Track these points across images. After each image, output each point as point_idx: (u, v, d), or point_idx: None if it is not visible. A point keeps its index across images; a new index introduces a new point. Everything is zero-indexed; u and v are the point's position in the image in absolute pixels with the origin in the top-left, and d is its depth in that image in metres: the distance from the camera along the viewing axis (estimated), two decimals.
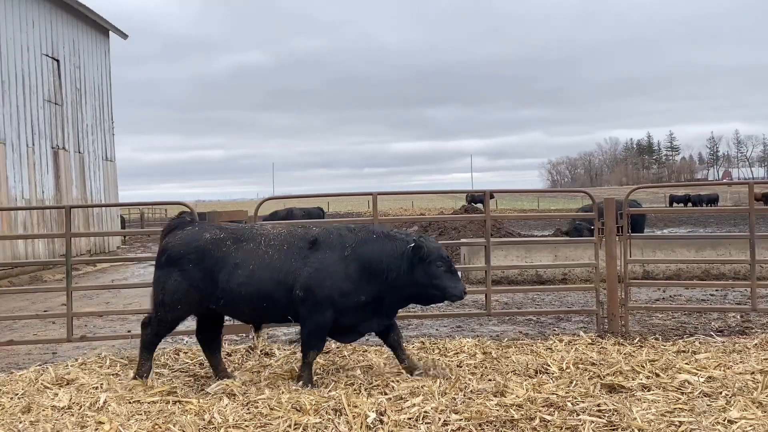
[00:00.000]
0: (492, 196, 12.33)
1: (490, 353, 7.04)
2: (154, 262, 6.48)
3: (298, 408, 5.18)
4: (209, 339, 6.42)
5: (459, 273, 6.40)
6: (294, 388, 5.82)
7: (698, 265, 12.99)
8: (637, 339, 7.67)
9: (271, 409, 5.22)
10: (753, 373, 5.98)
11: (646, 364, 6.36)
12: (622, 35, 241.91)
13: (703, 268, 13.10)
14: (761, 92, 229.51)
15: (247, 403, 5.43)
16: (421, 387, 5.64)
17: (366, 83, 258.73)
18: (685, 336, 7.98)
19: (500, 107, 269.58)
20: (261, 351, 7.37)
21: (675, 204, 60.42)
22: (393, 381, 5.95)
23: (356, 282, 6.00)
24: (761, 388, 5.44)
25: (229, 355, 7.28)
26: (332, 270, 5.96)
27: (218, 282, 6.01)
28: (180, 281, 6.08)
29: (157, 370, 6.68)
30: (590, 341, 7.56)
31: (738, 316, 9.08)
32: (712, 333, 8.09)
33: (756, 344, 7.24)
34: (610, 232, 8.32)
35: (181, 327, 6.60)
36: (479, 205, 33.46)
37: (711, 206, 56.75)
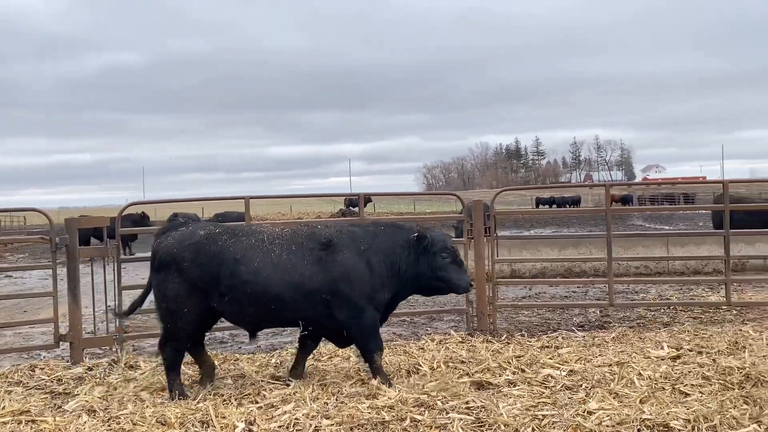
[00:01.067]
0: (369, 200, 12.31)
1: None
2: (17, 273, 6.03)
3: (163, 422, 4.95)
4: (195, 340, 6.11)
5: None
6: (159, 401, 5.57)
7: (562, 263, 13.64)
8: (505, 336, 7.91)
9: (134, 424, 4.97)
10: (610, 365, 6.29)
11: (512, 360, 6.57)
12: (495, 44, 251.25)
13: (566, 266, 13.76)
14: (620, 101, 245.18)
15: (108, 419, 5.14)
16: (293, 393, 5.54)
17: (244, 86, 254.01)
18: (549, 332, 8.32)
19: (379, 112, 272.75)
20: (125, 364, 7.00)
21: (541, 205, 63.35)
22: (265, 389, 5.81)
23: (381, 276, 5.93)
24: (617, 379, 5.74)
25: (90, 369, 6.87)
26: (357, 269, 5.85)
27: (220, 278, 5.69)
28: (180, 283, 5.72)
29: (9, 389, 6.20)
30: (461, 340, 7.72)
31: (597, 312, 9.59)
32: (573, 328, 8.48)
33: (613, 337, 7.65)
34: (479, 233, 8.56)
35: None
36: (356, 209, 33.57)
37: (573, 207, 60.03)
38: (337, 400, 5.40)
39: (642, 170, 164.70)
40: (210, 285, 5.72)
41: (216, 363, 6.51)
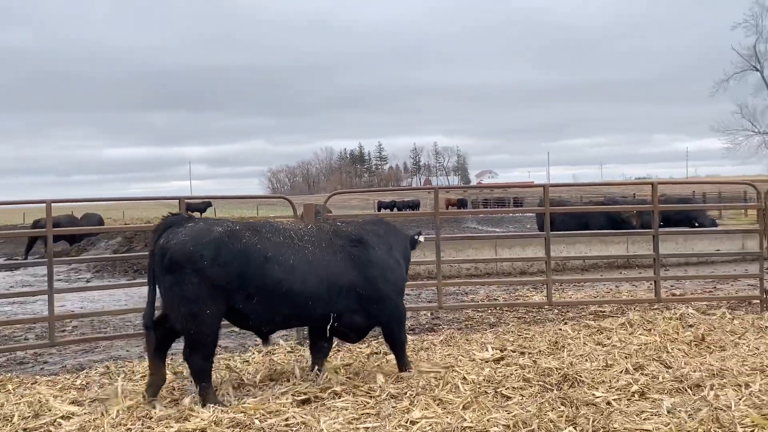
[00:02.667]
0: (209, 204, 11.65)
1: (182, 372, 6.52)
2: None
3: None
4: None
5: None
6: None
7: None
8: (335, 344, 7.68)
9: None
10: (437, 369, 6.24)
11: (340, 369, 6.35)
12: (342, 50, 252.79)
13: None
14: (457, 109, 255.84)
15: None
16: (93, 420, 4.97)
17: (76, 83, 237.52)
18: (379, 337, 8.19)
19: (225, 115, 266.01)
20: None
21: (382, 209, 64.41)
22: (61, 418, 5.17)
23: (403, 269, 6.41)
24: (442, 384, 5.67)
25: None
26: (390, 265, 6.17)
27: (248, 278, 5.43)
28: (199, 283, 5.28)
29: None
30: (289, 350, 7.41)
31: (429, 314, 9.63)
32: None
33: (441, 340, 7.66)
34: None
35: None
36: (197, 214, 32.43)
37: (412, 210, 61.53)
38: (143, 425, 4.89)
39: (476, 175, 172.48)
40: (234, 285, 5.42)
41: (10, 387, 5.74)
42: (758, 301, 9.03)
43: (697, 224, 19.42)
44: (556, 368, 5.96)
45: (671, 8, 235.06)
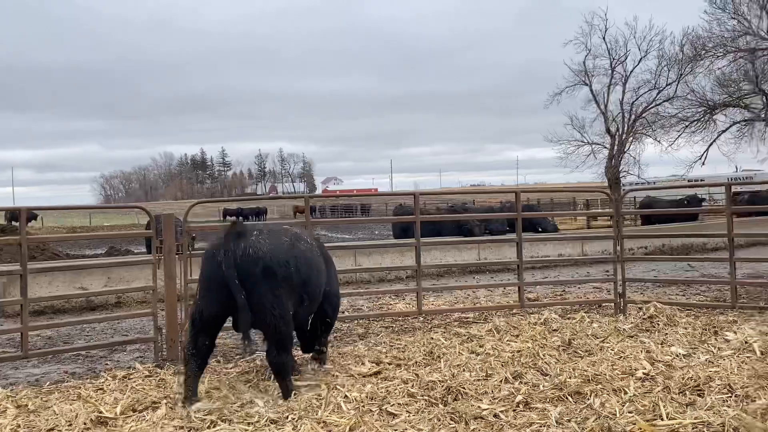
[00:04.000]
0: (35, 216, 10.56)
1: (26, 405, 5.76)
2: None
3: None
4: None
5: None
6: None
7: None
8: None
9: None
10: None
11: (210, 393, 5.88)
12: (183, 51, 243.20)
13: None
14: (304, 115, 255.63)
15: None
16: None
17: None
18: (247, 355, 7.74)
19: (52, 117, 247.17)
20: None
21: (229, 217, 62.83)
22: None
23: None
24: (324, 405, 5.37)
25: None
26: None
27: (309, 282, 6.07)
28: (288, 289, 5.78)
29: None
30: (148, 374, 6.80)
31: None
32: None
33: (310, 357, 7.34)
34: (170, 250, 7.70)
35: None
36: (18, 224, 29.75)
37: (261, 218, 60.50)
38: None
39: (322, 182, 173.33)
40: (299, 289, 5.92)
41: None
42: (612, 305, 9.48)
43: (540, 229, 20.49)
44: (439, 381, 5.85)
45: (510, 24, 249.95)
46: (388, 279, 14.42)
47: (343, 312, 10.53)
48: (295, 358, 6.41)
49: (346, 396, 5.62)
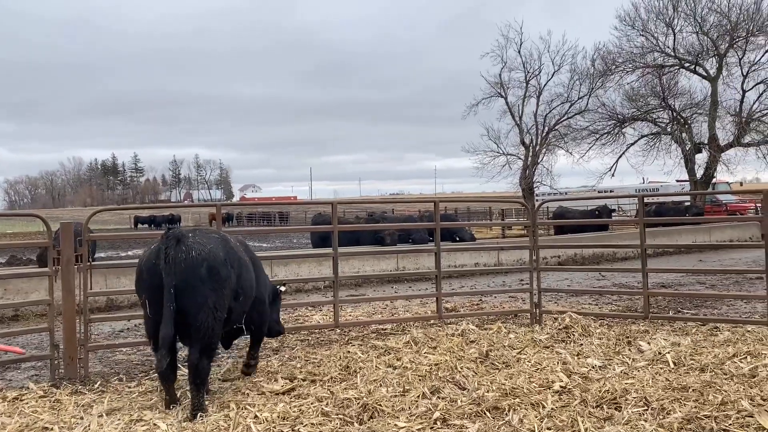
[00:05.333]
0: None
1: None
2: None
3: None
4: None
5: None
6: None
7: None
8: (99, 383, 6.70)
9: None
10: (225, 406, 5.60)
11: (104, 416, 5.45)
12: (96, 54, 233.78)
13: None
14: (221, 122, 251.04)
15: None
16: None
17: None
18: (152, 371, 7.31)
19: None
20: None
21: (140, 225, 60.90)
22: None
23: None
24: (232, 427, 5.06)
25: None
26: None
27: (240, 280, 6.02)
28: (226, 290, 5.77)
29: None
30: (42, 394, 6.29)
31: None
32: (180, 365, 7.57)
33: (225, 371, 7.00)
34: (68, 261, 7.19)
35: None
36: None
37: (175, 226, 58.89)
38: None
39: (240, 189, 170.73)
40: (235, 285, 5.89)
41: None
42: (529, 315, 9.49)
43: (458, 239, 20.59)
44: (355, 398, 5.62)
45: (433, 35, 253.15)
46: (306, 289, 14.11)
47: None
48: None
49: (256, 416, 5.32)
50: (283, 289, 7.29)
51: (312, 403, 5.60)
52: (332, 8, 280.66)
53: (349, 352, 7.65)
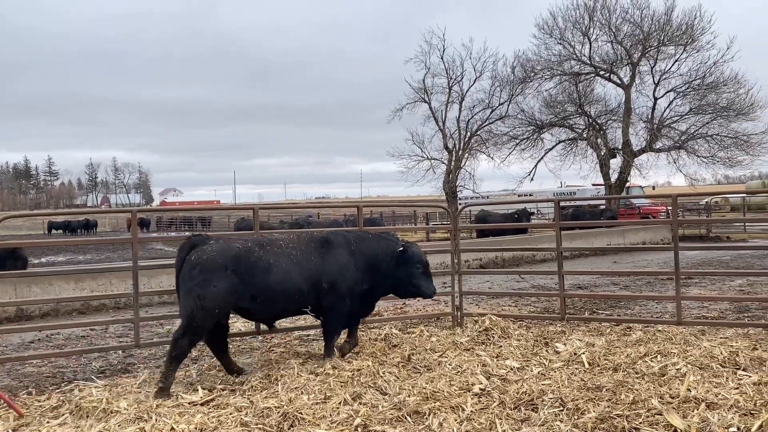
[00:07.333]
0: None
1: None
2: None
3: None
4: (217, 341, 7.03)
5: None
6: None
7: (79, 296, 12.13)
8: (7, 396, 6.37)
9: None
10: (135, 420, 5.41)
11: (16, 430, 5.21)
12: (20, 50, 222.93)
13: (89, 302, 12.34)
14: (140, 124, 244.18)
15: None
16: None
17: None
18: (63, 384, 7.02)
19: None
20: None
21: (54, 230, 58.63)
22: None
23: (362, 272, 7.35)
24: None
25: None
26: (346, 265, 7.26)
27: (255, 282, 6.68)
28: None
29: None
30: None
31: (121, 353, 8.57)
32: (93, 376, 7.33)
33: (140, 383, 6.79)
34: None
35: None
36: None
37: (91, 231, 57.02)
38: None
39: (160, 193, 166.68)
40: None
41: None
42: (450, 317, 9.60)
43: None
44: (275, 407, 5.53)
45: (357, 41, 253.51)
46: None
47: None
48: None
49: (172, 428, 5.17)
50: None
51: (231, 413, 5.49)
52: (256, 13, 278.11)
53: (270, 359, 7.54)
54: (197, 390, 6.32)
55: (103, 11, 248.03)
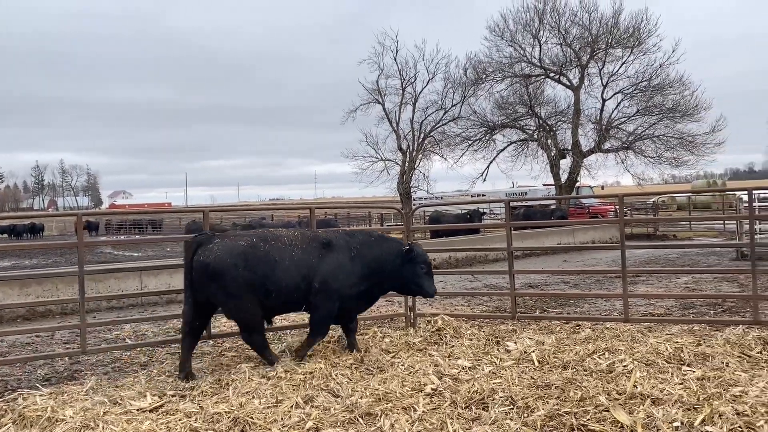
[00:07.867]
0: None
1: None
2: None
3: None
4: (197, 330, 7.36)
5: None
6: None
7: (24, 302, 11.81)
8: None
9: None
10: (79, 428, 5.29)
11: None
12: None
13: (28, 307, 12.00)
14: (89, 126, 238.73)
15: None
16: None
17: None
18: (7, 393, 6.82)
19: None
20: None
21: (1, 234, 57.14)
22: None
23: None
24: None
25: None
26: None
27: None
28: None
29: None
30: None
31: (67, 359, 8.36)
32: (38, 384, 7.13)
33: (87, 390, 6.62)
34: None
35: None
36: None
37: (38, 235, 55.57)
38: None
39: (109, 196, 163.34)
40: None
41: None
42: (404, 318, 9.63)
43: None
44: (226, 412, 5.47)
45: (310, 42, 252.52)
46: (178, 300, 13.61)
47: (124, 339, 9.74)
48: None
49: None
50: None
51: (180, 420, 5.40)
52: (208, 15, 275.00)
53: (221, 364, 7.46)
54: (146, 396, 6.20)
55: (51, 11, 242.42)
